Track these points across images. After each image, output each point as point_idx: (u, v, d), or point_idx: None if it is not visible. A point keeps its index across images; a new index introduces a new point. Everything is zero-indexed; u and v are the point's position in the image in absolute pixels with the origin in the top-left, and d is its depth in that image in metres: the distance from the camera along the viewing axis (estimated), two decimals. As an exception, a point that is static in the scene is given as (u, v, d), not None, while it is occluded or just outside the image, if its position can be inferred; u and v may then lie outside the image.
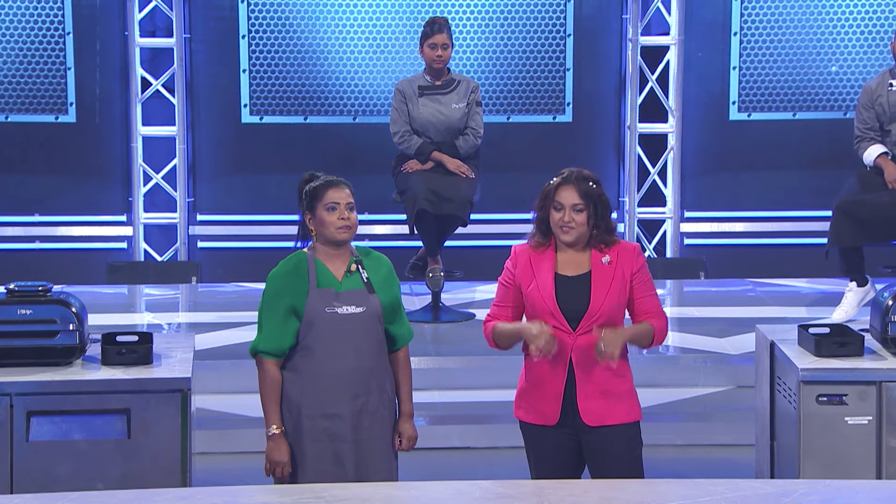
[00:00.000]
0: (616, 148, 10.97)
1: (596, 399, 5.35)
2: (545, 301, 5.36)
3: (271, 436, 5.39)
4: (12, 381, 5.64)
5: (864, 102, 8.77)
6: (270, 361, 5.40)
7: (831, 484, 4.77)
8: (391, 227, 10.55)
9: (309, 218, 5.48)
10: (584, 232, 5.40)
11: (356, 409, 5.41)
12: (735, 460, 7.35)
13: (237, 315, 9.28)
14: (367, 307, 5.43)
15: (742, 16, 10.74)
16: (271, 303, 5.41)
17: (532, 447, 5.49)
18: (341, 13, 10.65)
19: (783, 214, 10.97)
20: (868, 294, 8.67)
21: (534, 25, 10.73)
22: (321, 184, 5.48)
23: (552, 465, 5.41)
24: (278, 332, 5.39)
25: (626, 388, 5.40)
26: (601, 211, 5.39)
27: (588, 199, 5.38)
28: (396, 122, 9.04)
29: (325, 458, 5.39)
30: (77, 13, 10.58)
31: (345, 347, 5.40)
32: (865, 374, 5.88)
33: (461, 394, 8.24)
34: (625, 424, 5.38)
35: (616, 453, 5.36)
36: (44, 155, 10.68)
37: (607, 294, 5.35)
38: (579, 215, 5.38)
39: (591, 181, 5.41)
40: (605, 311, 5.34)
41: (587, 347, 5.32)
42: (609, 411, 5.36)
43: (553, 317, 5.35)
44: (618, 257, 5.41)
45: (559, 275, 5.41)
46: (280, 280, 5.42)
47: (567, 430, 5.39)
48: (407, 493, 4.81)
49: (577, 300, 5.37)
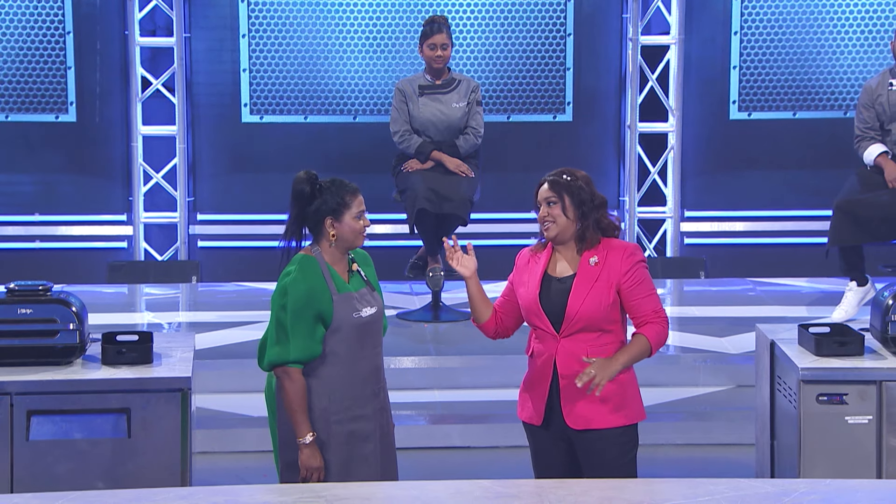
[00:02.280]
0: (616, 147, 10.96)
1: (580, 402, 5.31)
2: (530, 303, 5.36)
3: (307, 444, 5.32)
4: (12, 380, 5.64)
5: (865, 102, 8.77)
6: (298, 370, 5.33)
7: (832, 483, 4.77)
8: (391, 227, 10.54)
9: (331, 222, 5.41)
10: (566, 226, 5.35)
11: (377, 408, 5.43)
12: (735, 460, 7.35)
13: (237, 314, 9.28)
14: (378, 306, 5.46)
15: (742, 15, 10.74)
16: (300, 312, 5.30)
17: (530, 445, 5.51)
18: (341, 13, 10.65)
19: (783, 214, 10.97)
20: (868, 293, 8.67)
21: (534, 25, 10.73)
22: (350, 191, 5.43)
23: (547, 464, 5.42)
24: (309, 340, 5.31)
25: (615, 392, 5.32)
26: (578, 203, 5.33)
27: (558, 188, 5.34)
28: (396, 122, 9.05)
29: (354, 460, 5.37)
30: (77, 12, 10.58)
31: (367, 349, 5.40)
32: (866, 374, 5.88)
33: (461, 393, 8.24)
34: (613, 428, 5.32)
35: (606, 456, 5.33)
36: (44, 154, 10.68)
37: (587, 296, 5.29)
38: (553, 208, 5.35)
39: (567, 174, 5.38)
40: (584, 313, 5.28)
41: (571, 351, 5.30)
42: (594, 415, 5.31)
43: (538, 318, 5.35)
44: (606, 258, 5.34)
45: (547, 276, 5.39)
46: (305, 288, 5.33)
47: (556, 431, 5.39)
48: (407, 492, 4.81)
49: (559, 302, 5.33)
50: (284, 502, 4.58)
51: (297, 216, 5.44)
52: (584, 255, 5.37)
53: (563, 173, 5.40)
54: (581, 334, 5.31)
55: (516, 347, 8.52)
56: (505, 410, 8.05)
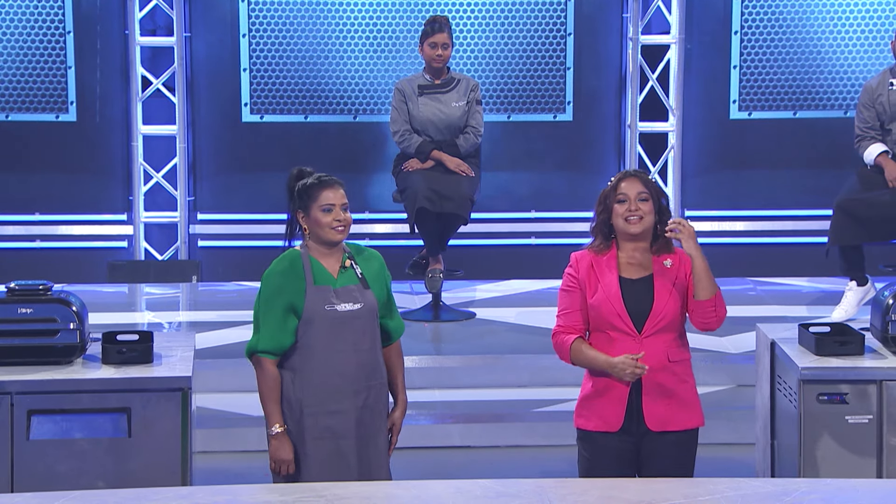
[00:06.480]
0: (616, 147, 10.96)
1: (660, 403, 5.38)
2: (612, 303, 5.36)
3: (274, 435, 5.39)
4: (13, 379, 5.64)
5: (865, 101, 8.77)
6: (269, 361, 5.40)
7: (832, 483, 4.77)
8: (391, 227, 10.54)
9: (302, 216, 5.46)
10: (650, 224, 5.42)
11: (358, 405, 5.42)
12: (735, 459, 7.34)
13: (237, 314, 9.28)
14: (364, 303, 5.44)
15: (742, 14, 10.74)
16: (269, 302, 5.39)
17: (590, 455, 5.46)
18: (341, 12, 10.65)
19: (784, 213, 10.97)
20: (868, 293, 8.67)
21: (534, 24, 10.73)
22: (315, 183, 5.45)
23: (607, 474, 5.38)
24: (278, 331, 5.38)
25: (688, 393, 5.44)
26: (663, 209, 5.44)
27: (649, 186, 5.44)
28: (396, 122, 9.05)
29: (328, 455, 5.39)
30: (77, 12, 10.58)
31: (344, 344, 5.40)
32: (866, 373, 5.88)
33: (461, 393, 8.24)
34: (685, 431, 5.42)
35: (672, 459, 5.39)
36: (44, 154, 10.68)
37: (670, 295, 5.38)
38: (645, 204, 5.41)
39: (648, 175, 5.52)
40: (668, 312, 5.37)
41: (653, 351, 5.34)
42: (672, 416, 5.39)
43: (620, 319, 5.36)
44: (679, 261, 5.44)
45: (623, 278, 5.42)
46: (277, 278, 5.41)
47: (629, 437, 5.39)
48: (407, 491, 4.81)
49: (641, 302, 5.38)
50: (284, 502, 4.58)
51: (288, 212, 5.51)
52: (655, 258, 5.44)
53: (646, 174, 5.53)
54: (662, 334, 5.37)
55: (516, 347, 8.55)
56: (505, 410, 8.06)
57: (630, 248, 5.45)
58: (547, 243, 10.75)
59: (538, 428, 7.79)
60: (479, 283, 10.24)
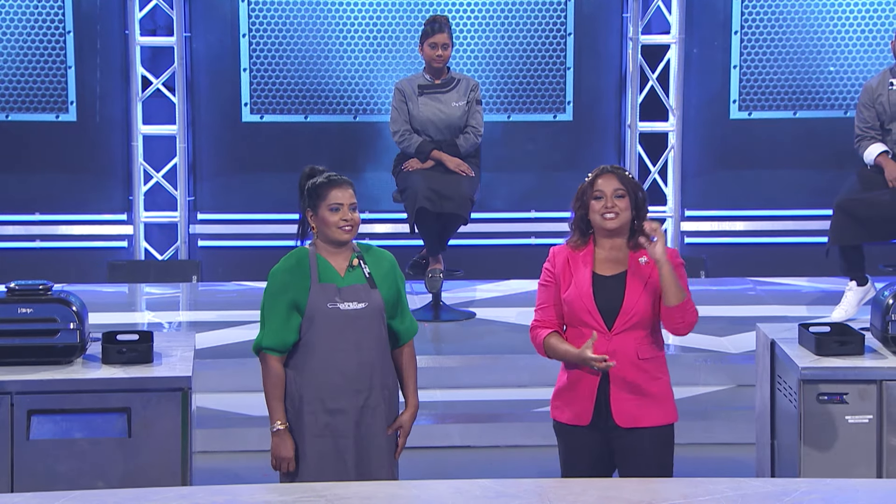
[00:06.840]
0: (616, 147, 10.96)
1: (629, 400, 5.35)
2: (583, 299, 5.36)
3: (276, 431, 5.40)
4: (13, 379, 5.64)
5: (865, 101, 8.77)
6: (274, 358, 5.41)
7: (832, 483, 4.77)
8: (391, 226, 10.54)
9: (311, 215, 5.47)
10: (627, 220, 5.39)
11: (358, 405, 5.42)
12: (735, 459, 7.35)
13: (238, 314, 9.28)
14: (370, 303, 5.44)
15: (743, 14, 10.74)
16: (273, 299, 5.41)
17: (564, 447, 5.48)
18: (341, 12, 10.65)
19: (784, 213, 10.97)
20: (868, 293, 8.67)
21: (534, 24, 10.73)
22: (324, 182, 5.46)
23: (582, 466, 5.41)
24: (281, 328, 5.39)
25: (660, 390, 5.40)
26: (640, 204, 5.41)
27: (626, 183, 5.40)
28: (396, 122, 9.05)
29: (326, 453, 5.40)
30: (77, 12, 10.58)
31: (346, 343, 5.40)
32: (866, 373, 5.88)
33: (461, 392, 8.24)
34: (657, 427, 5.39)
35: (647, 456, 5.37)
36: (44, 154, 10.68)
37: (642, 293, 5.36)
38: (621, 200, 5.39)
39: (628, 172, 5.48)
40: (638, 310, 5.35)
41: (622, 348, 5.33)
42: (642, 413, 5.36)
43: (590, 315, 5.36)
44: None
45: (596, 274, 5.42)
46: (282, 276, 5.42)
47: (599, 431, 5.39)
48: (408, 491, 4.81)
49: (612, 300, 5.37)
50: (285, 502, 4.58)
51: (300, 211, 5.52)
52: (632, 254, 5.41)
53: (623, 170, 5.47)
54: (632, 331, 5.35)
55: (516, 347, 8.55)
56: (505, 410, 8.06)
57: (607, 244, 5.45)
58: (547, 243, 10.71)
59: (538, 428, 7.78)
60: (479, 283, 10.24)
